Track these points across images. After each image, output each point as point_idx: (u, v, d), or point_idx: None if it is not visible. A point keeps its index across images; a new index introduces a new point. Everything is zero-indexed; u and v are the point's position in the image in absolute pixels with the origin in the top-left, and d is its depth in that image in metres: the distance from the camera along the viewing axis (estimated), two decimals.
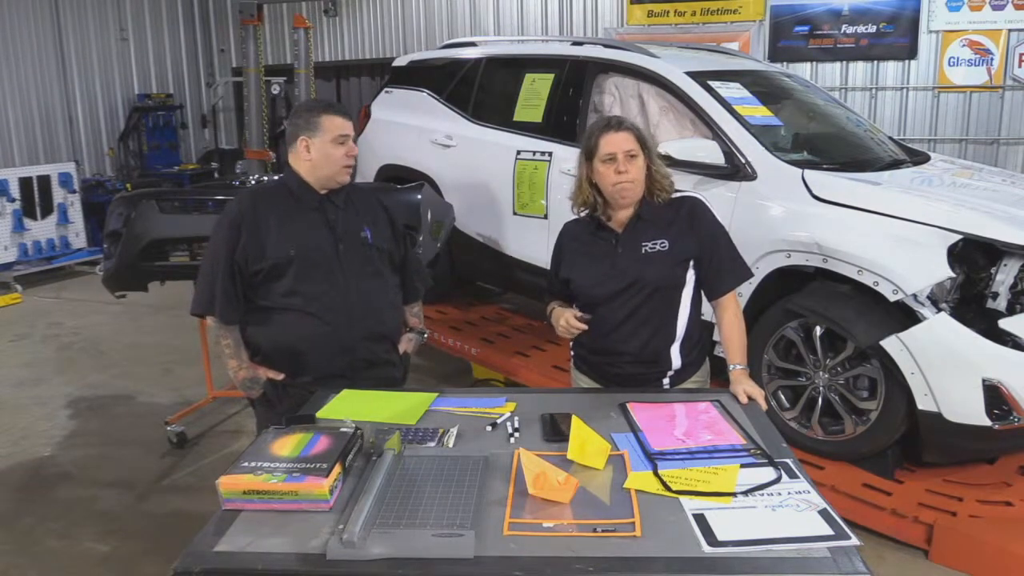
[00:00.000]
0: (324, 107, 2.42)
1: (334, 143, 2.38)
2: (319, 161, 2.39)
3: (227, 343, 2.42)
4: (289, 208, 2.42)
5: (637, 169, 2.31)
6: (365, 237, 2.47)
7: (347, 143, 2.41)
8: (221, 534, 1.51)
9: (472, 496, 1.61)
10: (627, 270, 2.33)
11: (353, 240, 2.45)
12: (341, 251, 2.42)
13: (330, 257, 2.40)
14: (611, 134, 2.31)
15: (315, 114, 2.39)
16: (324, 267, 2.39)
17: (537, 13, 8.49)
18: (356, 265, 2.44)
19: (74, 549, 3.23)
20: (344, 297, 2.40)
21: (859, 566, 1.38)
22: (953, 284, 3.09)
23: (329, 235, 2.42)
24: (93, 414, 4.59)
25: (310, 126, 2.38)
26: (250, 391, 2.47)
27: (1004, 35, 6.82)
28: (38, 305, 7.01)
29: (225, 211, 2.45)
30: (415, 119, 5.14)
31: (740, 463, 1.74)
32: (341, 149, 2.39)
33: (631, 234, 2.36)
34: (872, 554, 3.03)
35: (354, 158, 2.45)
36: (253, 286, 2.40)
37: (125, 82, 9.53)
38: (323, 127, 2.37)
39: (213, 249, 2.42)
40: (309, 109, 2.43)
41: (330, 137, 2.38)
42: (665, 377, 2.43)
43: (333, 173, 2.42)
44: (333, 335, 2.39)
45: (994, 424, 2.98)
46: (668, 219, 2.37)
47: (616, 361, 2.41)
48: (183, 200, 4.10)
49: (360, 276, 2.44)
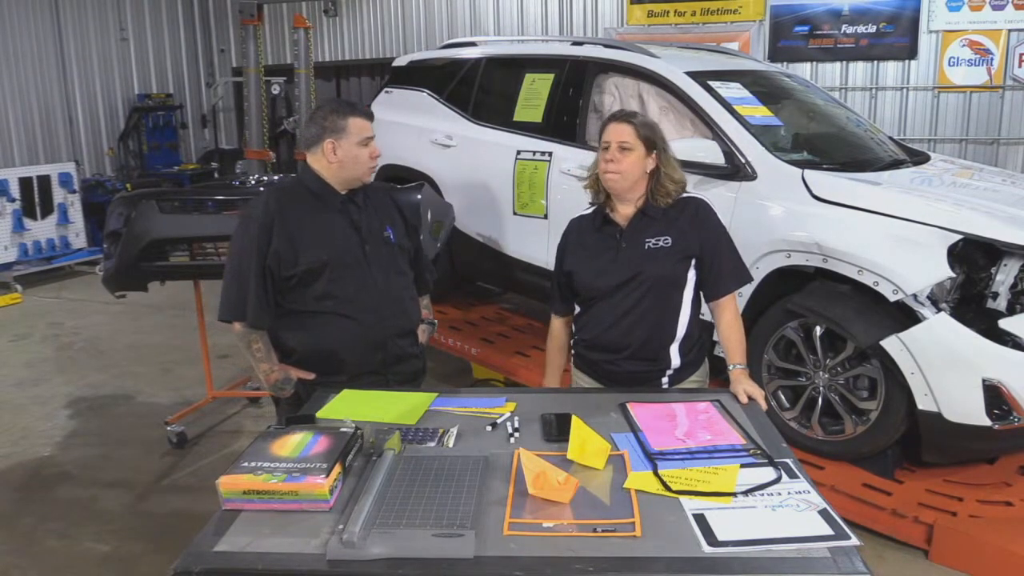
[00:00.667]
0: (349, 109, 2.41)
1: (360, 145, 2.39)
2: (347, 162, 2.40)
3: (258, 347, 2.41)
4: (314, 210, 2.41)
5: (629, 163, 2.33)
6: (388, 236, 2.50)
7: (371, 144, 2.43)
8: (221, 534, 1.51)
9: (472, 496, 1.61)
10: (629, 264, 2.35)
11: (377, 240, 2.47)
12: (368, 252, 2.44)
13: (359, 259, 2.42)
14: (613, 124, 2.38)
15: (341, 116, 2.38)
16: (355, 268, 2.41)
17: (537, 13, 8.49)
18: (383, 264, 2.47)
19: (74, 549, 3.23)
20: (375, 297, 2.43)
21: (859, 566, 1.38)
22: (953, 284, 3.09)
23: (356, 236, 2.44)
24: (93, 414, 4.59)
25: (336, 128, 2.37)
26: (281, 392, 2.46)
27: (1004, 35, 6.82)
28: (38, 305, 7.01)
29: (251, 213, 2.42)
30: (415, 119, 5.14)
31: (740, 463, 1.74)
32: (367, 150, 2.41)
33: (635, 229, 2.38)
34: (872, 554, 3.03)
35: (378, 157, 2.47)
36: (284, 291, 2.39)
37: (125, 82, 9.53)
38: (349, 129, 2.37)
39: (240, 252, 2.38)
40: (334, 111, 2.41)
41: (357, 139, 2.38)
42: (664, 376, 2.43)
43: (360, 174, 2.43)
44: (367, 334, 2.42)
45: (994, 424, 2.98)
46: (672, 217, 2.39)
47: (615, 358, 2.42)
48: (183, 200, 4.09)
49: (387, 275, 2.47)
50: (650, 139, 2.36)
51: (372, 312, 2.42)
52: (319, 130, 2.40)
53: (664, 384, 2.43)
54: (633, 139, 2.33)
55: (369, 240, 2.45)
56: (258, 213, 2.38)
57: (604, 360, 2.46)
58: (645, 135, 2.35)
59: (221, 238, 3.89)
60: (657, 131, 2.42)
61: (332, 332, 2.40)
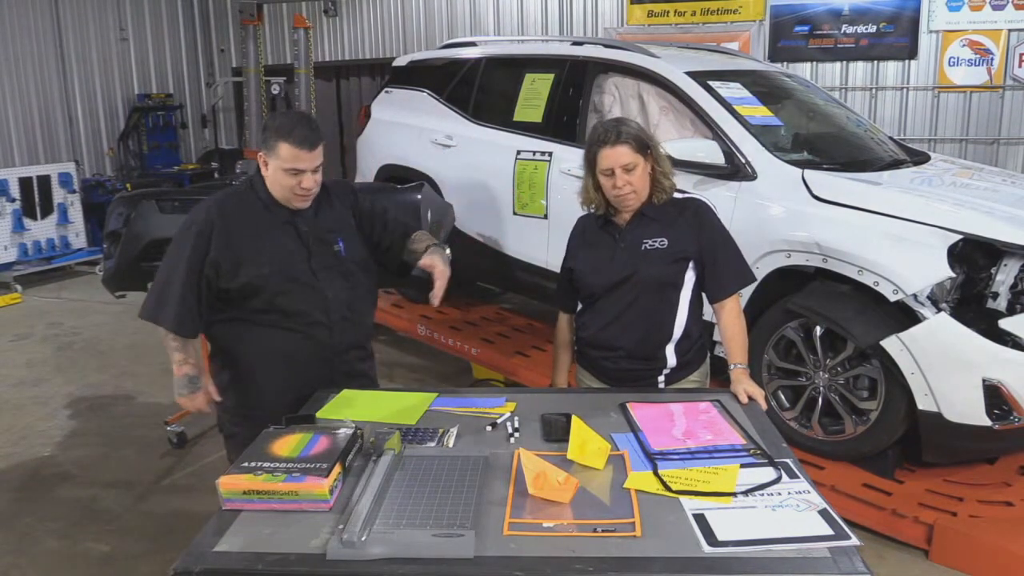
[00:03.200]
0: (287, 131, 2.20)
1: (286, 173, 2.22)
2: (273, 182, 2.27)
3: (174, 337, 2.29)
4: (259, 220, 2.30)
5: (637, 178, 2.32)
6: (338, 250, 2.37)
7: (301, 176, 2.22)
8: (221, 534, 1.51)
9: (472, 496, 1.61)
10: (625, 264, 2.36)
11: (326, 254, 2.35)
12: (314, 266, 2.32)
13: (306, 272, 2.30)
14: (608, 149, 2.30)
15: (275, 136, 2.21)
16: (301, 283, 2.30)
17: (537, 13, 8.49)
18: (332, 278, 2.34)
19: (74, 549, 3.23)
20: (323, 311, 2.32)
21: (859, 566, 1.38)
22: (953, 284, 3.09)
23: (303, 250, 2.31)
24: (93, 414, 4.59)
25: (268, 145, 2.23)
26: (183, 393, 2.33)
27: (1004, 35, 6.81)
28: (38, 305, 7.01)
29: (193, 218, 2.30)
30: (415, 119, 5.14)
31: (740, 463, 1.74)
32: (293, 180, 2.23)
33: (634, 230, 2.39)
34: (872, 554, 3.03)
35: (309, 191, 2.27)
36: (225, 300, 2.30)
37: (125, 82, 9.53)
38: (280, 153, 2.21)
39: (174, 255, 2.28)
40: (275, 128, 2.23)
41: (284, 166, 2.22)
42: (660, 375, 2.43)
43: (285, 199, 2.29)
44: (315, 348, 2.33)
45: (994, 424, 2.98)
46: (671, 218, 2.39)
47: (611, 356, 2.43)
48: (183, 200, 4.08)
49: (337, 289, 2.35)
50: (643, 143, 2.34)
51: (321, 326, 2.32)
52: (261, 139, 2.27)
53: (660, 383, 2.43)
54: (633, 156, 2.30)
55: (316, 253, 2.32)
56: (199, 219, 2.27)
57: (602, 357, 2.47)
58: (639, 145, 2.32)
59: None
60: (643, 129, 2.40)
61: (278, 344, 2.31)
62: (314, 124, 2.27)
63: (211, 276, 2.25)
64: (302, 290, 2.30)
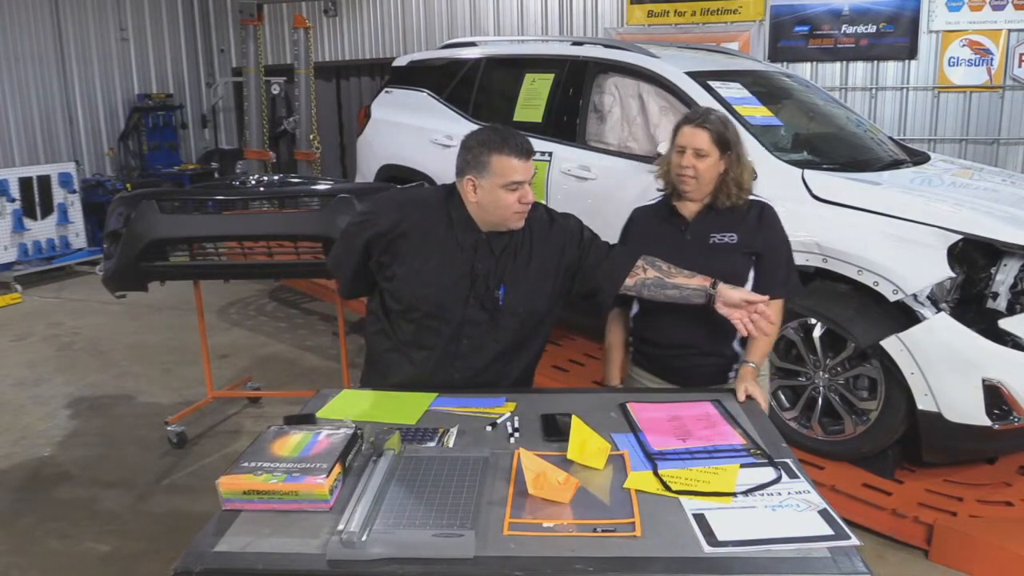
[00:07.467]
0: (499, 143, 2.06)
1: (506, 190, 2.07)
2: (486, 204, 2.11)
3: None
4: (440, 243, 2.16)
5: (704, 167, 2.30)
6: (497, 297, 2.18)
7: (521, 189, 2.07)
8: (221, 534, 1.50)
9: (472, 496, 1.61)
10: (693, 256, 2.30)
11: (487, 298, 2.18)
12: (468, 310, 2.18)
13: (456, 314, 2.18)
14: (689, 127, 2.33)
15: (486, 150, 2.06)
16: (447, 323, 2.19)
17: (537, 13, 8.49)
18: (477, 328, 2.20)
19: (74, 549, 3.23)
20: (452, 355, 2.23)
21: (859, 566, 1.38)
22: (953, 284, 3.10)
23: (467, 287, 2.17)
24: (93, 414, 4.59)
25: (479, 164, 2.07)
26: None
27: (1004, 35, 6.81)
28: (38, 305, 7.01)
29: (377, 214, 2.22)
30: (415, 119, 5.14)
31: (740, 463, 1.74)
32: (512, 196, 2.08)
33: (701, 224, 2.37)
34: (872, 554, 3.03)
35: (530, 203, 2.12)
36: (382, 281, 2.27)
37: (125, 82, 9.53)
38: (494, 169, 2.05)
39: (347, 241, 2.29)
40: (481, 142, 2.08)
41: (501, 181, 2.06)
42: (731, 370, 2.39)
43: (502, 220, 2.13)
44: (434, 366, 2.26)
45: (994, 424, 2.98)
46: (739, 216, 2.37)
47: (683, 353, 2.40)
48: (183, 200, 4.08)
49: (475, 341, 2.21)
50: (724, 140, 2.31)
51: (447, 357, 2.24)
52: (463, 162, 2.11)
53: (731, 379, 2.37)
54: (708, 145, 2.29)
55: (475, 295, 2.17)
56: (383, 222, 2.19)
57: (672, 356, 2.42)
58: (719, 139, 2.30)
59: (221, 238, 3.89)
60: (731, 129, 2.36)
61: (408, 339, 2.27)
62: (518, 131, 2.16)
63: (374, 268, 2.27)
64: (441, 329, 2.21)
